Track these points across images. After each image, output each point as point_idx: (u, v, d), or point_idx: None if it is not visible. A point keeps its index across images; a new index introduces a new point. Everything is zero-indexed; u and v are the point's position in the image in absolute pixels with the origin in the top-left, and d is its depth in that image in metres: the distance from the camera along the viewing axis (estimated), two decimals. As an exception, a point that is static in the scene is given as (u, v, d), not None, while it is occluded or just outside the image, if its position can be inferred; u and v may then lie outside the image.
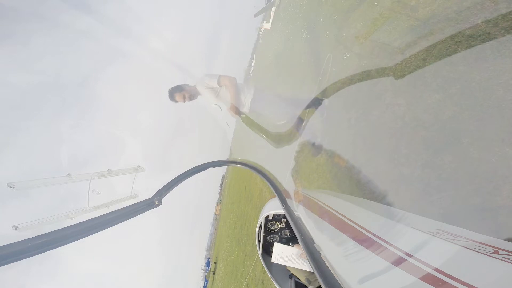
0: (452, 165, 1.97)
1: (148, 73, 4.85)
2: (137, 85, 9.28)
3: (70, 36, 6.14)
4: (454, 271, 0.71)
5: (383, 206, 1.98)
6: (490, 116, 1.81)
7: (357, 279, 0.94)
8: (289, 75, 7.68)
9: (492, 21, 1.95)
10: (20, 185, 2.41)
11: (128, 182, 3.20)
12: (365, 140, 3.14)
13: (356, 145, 3.25)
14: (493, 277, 0.72)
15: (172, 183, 1.88)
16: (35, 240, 0.93)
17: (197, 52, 11.90)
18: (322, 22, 6.16)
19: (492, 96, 1.83)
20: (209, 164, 2.17)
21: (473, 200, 1.77)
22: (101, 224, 1.20)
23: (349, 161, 3.24)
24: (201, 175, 2.17)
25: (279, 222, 1.99)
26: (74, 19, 3.25)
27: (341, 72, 4.10)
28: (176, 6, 27.02)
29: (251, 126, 3.25)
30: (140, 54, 3.79)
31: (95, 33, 3.36)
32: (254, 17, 16.99)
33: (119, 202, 3.04)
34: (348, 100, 3.57)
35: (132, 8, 6.32)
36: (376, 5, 3.85)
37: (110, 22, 3.26)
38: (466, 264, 0.81)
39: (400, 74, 2.74)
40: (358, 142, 3.27)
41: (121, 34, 3.36)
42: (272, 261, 1.77)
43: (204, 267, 32.29)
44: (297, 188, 3.45)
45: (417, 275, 0.77)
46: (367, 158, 2.90)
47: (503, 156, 1.67)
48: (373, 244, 1.06)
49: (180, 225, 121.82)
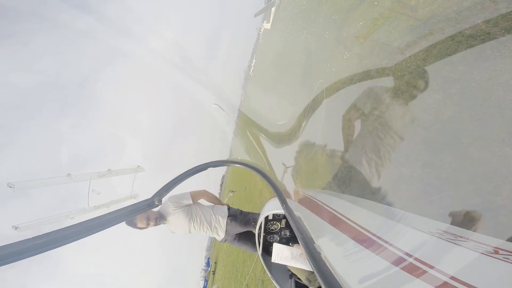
0: (452, 165, 1.97)
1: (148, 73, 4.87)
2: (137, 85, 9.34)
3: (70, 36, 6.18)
4: (454, 271, 0.71)
5: (383, 206, 1.98)
6: (490, 116, 1.82)
7: (357, 279, 0.94)
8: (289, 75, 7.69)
9: (492, 21, 1.95)
10: (20, 185, 2.42)
11: (128, 182, 3.21)
12: (365, 140, 3.14)
13: (356, 145, 3.25)
14: (493, 277, 0.72)
15: (172, 183, 1.88)
16: (35, 240, 0.93)
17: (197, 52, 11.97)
18: (322, 22, 6.16)
19: (492, 96, 1.83)
20: (209, 164, 2.17)
21: (473, 200, 1.77)
22: (101, 224, 1.19)
23: (349, 161, 3.24)
24: (201, 175, 2.17)
25: (279, 222, 1.99)
26: (75, 19, 3.27)
27: (341, 72, 4.10)
28: (176, 6, 27.16)
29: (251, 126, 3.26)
30: (140, 54, 3.81)
31: (95, 33, 3.39)
32: (254, 17, 17.01)
33: (119, 202, 3.04)
34: (348, 100, 3.57)
35: (132, 8, 6.36)
36: (376, 5, 3.85)
37: (110, 22, 3.28)
38: (466, 264, 0.81)
39: (400, 74, 2.74)
40: (358, 142, 3.27)
41: (121, 34, 3.38)
42: (272, 261, 1.77)
43: (204, 267, 32.29)
44: (297, 188, 3.45)
45: (417, 275, 0.77)
46: (367, 158, 2.90)
47: (503, 156, 1.67)
48: (373, 244, 1.06)
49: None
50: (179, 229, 2.23)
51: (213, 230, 2.29)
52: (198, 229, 2.25)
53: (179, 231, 2.24)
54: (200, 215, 2.29)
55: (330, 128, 3.84)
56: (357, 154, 3.17)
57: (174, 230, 2.24)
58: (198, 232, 2.27)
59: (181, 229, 2.23)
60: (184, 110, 64.37)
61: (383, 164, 2.59)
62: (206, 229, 2.27)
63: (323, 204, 1.84)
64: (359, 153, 3.14)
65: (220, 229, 2.31)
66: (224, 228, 2.30)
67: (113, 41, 22.23)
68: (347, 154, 3.34)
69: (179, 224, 2.21)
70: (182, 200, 2.27)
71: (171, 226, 2.22)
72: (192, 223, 2.23)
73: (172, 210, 2.21)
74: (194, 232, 2.26)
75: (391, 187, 2.39)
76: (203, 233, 2.29)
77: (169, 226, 2.23)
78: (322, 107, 3.92)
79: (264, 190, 9.22)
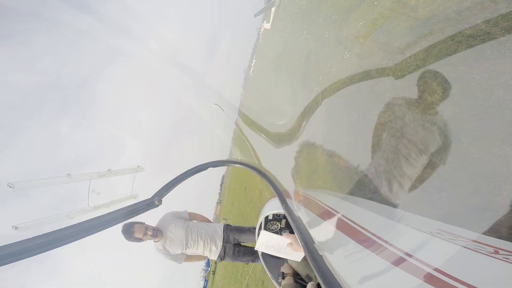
0: (452, 165, 1.97)
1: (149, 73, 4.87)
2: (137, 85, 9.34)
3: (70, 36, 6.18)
4: (454, 271, 0.71)
5: (383, 206, 1.98)
6: (490, 116, 1.82)
7: (357, 279, 0.94)
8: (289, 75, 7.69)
9: (492, 21, 1.95)
10: (20, 185, 2.41)
11: (128, 182, 3.20)
12: (365, 140, 3.14)
13: (356, 145, 3.25)
14: (493, 277, 0.72)
15: (172, 183, 1.88)
16: (35, 240, 0.93)
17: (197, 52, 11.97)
18: (322, 22, 6.16)
19: (492, 96, 1.83)
20: (209, 164, 2.17)
21: (473, 200, 1.77)
22: (101, 224, 1.20)
23: (349, 161, 3.24)
24: (201, 175, 2.17)
25: (279, 222, 1.99)
26: (75, 19, 3.26)
27: (341, 72, 4.10)
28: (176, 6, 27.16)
29: (251, 126, 3.26)
30: (140, 54, 3.80)
31: (95, 33, 3.37)
32: (254, 17, 17.01)
33: (119, 202, 3.04)
34: (348, 100, 3.57)
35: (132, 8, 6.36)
36: (376, 5, 3.85)
37: (110, 22, 3.27)
38: (466, 264, 0.81)
39: (400, 74, 2.74)
40: (358, 142, 3.27)
41: (121, 34, 3.37)
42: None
43: (204, 267, 32.28)
44: (297, 188, 3.45)
45: (417, 275, 0.77)
46: (367, 158, 2.90)
47: (503, 156, 1.67)
48: (373, 244, 1.06)
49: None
50: (175, 242, 2.22)
51: (210, 239, 2.30)
52: (195, 240, 2.27)
53: (175, 244, 2.22)
54: (197, 226, 2.35)
55: (330, 128, 3.85)
56: (357, 154, 3.17)
57: (170, 244, 2.22)
58: (195, 245, 2.27)
59: (177, 241, 2.22)
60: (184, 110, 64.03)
61: (383, 164, 2.59)
62: (204, 240, 2.29)
63: (323, 204, 1.84)
64: (359, 153, 3.14)
65: (217, 236, 2.33)
66: (222, 234, 2.34)
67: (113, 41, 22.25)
68: (347, 154, 3.35)
69: (176, 236, 2.22)
70: (180, 215, 2.37)
71: (167, 240, 2.22)
72: (189, 233, 2.26)
73: (170, 220, 2.26)
74: (191, 246, 2.26)
75: (391, 187, 2.39)
76: (199, 247, 2.29)
77: (164, 243, 2.21)
78: (322, 107, 3.92)
79: (264, 190, 9.21)
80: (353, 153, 3.26)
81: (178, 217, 2.33)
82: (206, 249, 2.30)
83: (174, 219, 2.28)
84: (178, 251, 2.25)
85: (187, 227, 2.28)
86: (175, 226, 2.23)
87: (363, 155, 3.02)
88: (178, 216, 2.34)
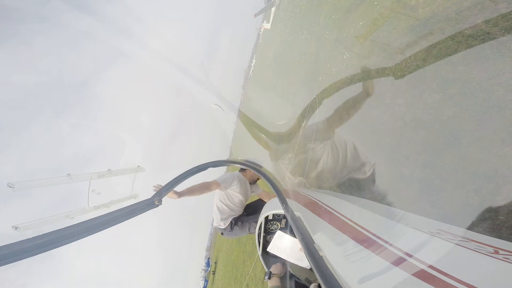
0: (452, 165, 1.96)
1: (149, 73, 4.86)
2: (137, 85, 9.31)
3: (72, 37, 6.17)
4: (454, 271, 0.71)
5: (383, 206, 1.98)
6: (490, 116, 1.81)
7: (357, 279, 0.94)
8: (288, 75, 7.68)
9: (492, 21, 1.95)
10: (20, 185, 2.42)
11: (128, 182, 3.20)
12: (365, 140, 3.14)
13: (356, 145, 3.25)
14: (493, 277, 0.72)
15: (172, 183, 1.88)
16: (35, 240, 0.93)
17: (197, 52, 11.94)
18: (322, 22, 6.16)
19: (492, 96, 1.83)
20: (209, 164, 2.17)
21: (473, 200, 1.76)
22: (101, 224, 1.20)
23: (349, 161, 3.24)
24: (201, 175, 2.18)
25: (279, 222, 1.99)
26: (76, 20, 3.24)
27: (341, 72, 4.10)
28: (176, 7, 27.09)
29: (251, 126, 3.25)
30: (141, 54, 3.78)
31: (97, 34, 3.35)
32: (254, 17, 16.99)
33: (119, 202, 3.04)
34: (348, 100, 3.57)
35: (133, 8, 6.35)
36: (376, 5, 3.85)
37: (111, 23, 3.25)
38: (466, 264, 0.80)
39: (400, 74, 2.74)
40: (358, 142, 3.27)
41: (122, 35, 3.35)
42: (268, 250, 1.72)
43: (204, 267, 32.26)
44: (297, 188, 3.45)
45: (417, 275, 0.77)
46: (367, 158, 2.90)
47: (503, 156, 1.67)
48: (373, 244, 1.06)
49: (180, 225, 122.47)
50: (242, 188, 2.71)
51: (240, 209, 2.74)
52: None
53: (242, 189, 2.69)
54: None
55: (329, 128, 3.84)
56: (357, 154, 3.17)
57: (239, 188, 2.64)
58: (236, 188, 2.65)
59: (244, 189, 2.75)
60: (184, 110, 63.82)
61: (383, 164, 2.59)
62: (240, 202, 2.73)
63: (323, 204, 1.83)
64: (358, 153, 3.14)
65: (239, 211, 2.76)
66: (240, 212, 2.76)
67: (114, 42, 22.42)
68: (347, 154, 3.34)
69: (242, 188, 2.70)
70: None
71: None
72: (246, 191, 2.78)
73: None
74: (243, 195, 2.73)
75: (391, 187, 2.39)
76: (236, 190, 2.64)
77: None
78: (322, 107, 3.91)
79: (264, 190, 9.20)
80: (353, 153, 3.26)
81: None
82: (236, 206, 2.68)
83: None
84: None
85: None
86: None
87: (363, 155, 3.01)
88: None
